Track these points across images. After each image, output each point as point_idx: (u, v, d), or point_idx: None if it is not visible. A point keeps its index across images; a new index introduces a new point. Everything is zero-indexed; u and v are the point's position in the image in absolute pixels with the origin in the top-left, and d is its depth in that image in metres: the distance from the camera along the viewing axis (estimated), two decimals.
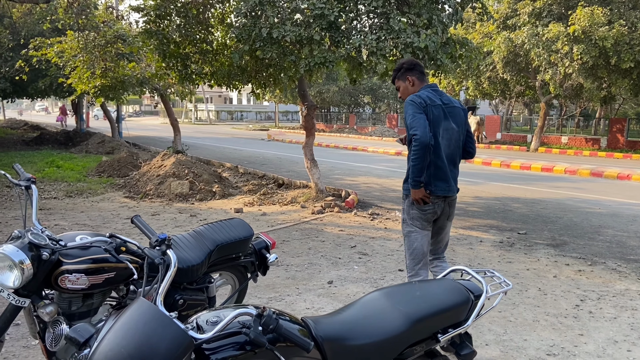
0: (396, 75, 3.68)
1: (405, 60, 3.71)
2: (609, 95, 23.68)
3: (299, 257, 5.69)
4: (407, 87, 3.64)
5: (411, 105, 3.38)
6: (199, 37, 8.82)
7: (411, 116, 3.33)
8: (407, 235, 3.59)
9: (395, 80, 3.72)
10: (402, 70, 3.63)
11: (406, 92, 3.62)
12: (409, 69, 3.63)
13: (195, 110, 53.05)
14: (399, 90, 3.71)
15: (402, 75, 3.64)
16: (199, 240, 3.12)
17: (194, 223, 7.50)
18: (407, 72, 3.62)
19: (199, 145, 21.70)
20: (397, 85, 3.72)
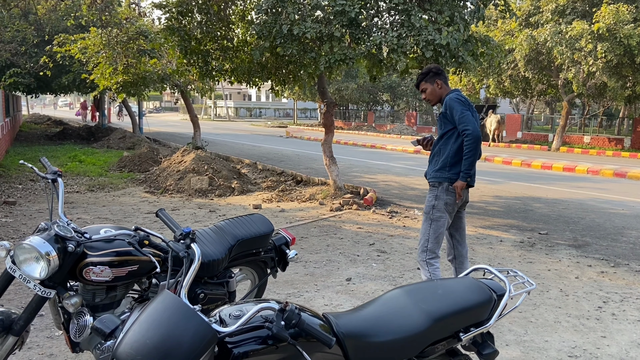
0: (424, 79, 3.86)
1: (433, 66, 3.92)
2: (634, 94, 23.16)
3: (318, 253, 5.70)
4: (435, 89, 3.86)
5: (458, 103, 3.66)
6: (220, 34, 8.88)
7: (460, 112, 3.61)
8: (437, 220, 3.77)
9: (422, 83, 3.89)
10: (430, 74, 3.84)
11: (434, 95, 3.87)
12: (437, 73, 3.85)
13: (214, 107, 53.44)
14: (425, 92, 3.89)
15: (430, 79, 3.84)
16: (220, 235, 3.15)
17: (213, 218, 7.56)
18: (436, 76, 3.84)
19: (218, 142, 21.84)
20: (423, 88, 3.90)
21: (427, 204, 3.85)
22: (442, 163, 3.76)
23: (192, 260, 1.76)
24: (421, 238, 3.86)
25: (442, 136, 3.79)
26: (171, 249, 1.88)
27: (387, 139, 27.02)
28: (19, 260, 2.30)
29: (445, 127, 3.76)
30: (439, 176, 3.77)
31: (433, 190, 3.81)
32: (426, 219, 3.83)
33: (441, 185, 3.76)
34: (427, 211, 3.83)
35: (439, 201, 3.75)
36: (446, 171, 3.75)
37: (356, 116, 41.89)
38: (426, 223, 3.83)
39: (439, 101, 3.89)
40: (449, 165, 3.75)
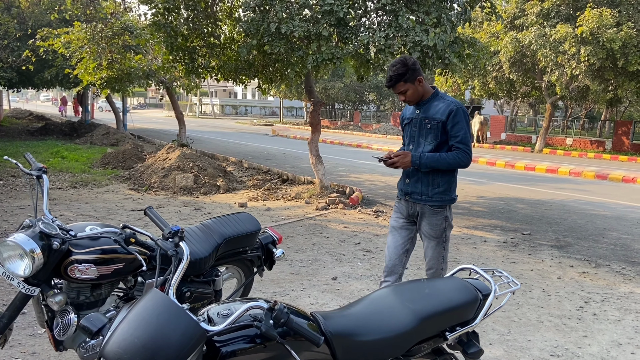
0: (402, 78, 3.14)
1: (409, 61, 3.18)
2: (615, 97, 23.59)
3: (304, 252, 5.70)
4: (417, 89, 3.20)
5: (465, 117, 3.17)
6: (207, 30, 8.81)
7: (465, 131, 3.14)
8: (449, 239, 3.38)
9: (401, 84, 3.17)
10: (409, 72, 3.13)
11: (416, 96, 3.21)
12: (416, 69, 3.17)
13: (200, 104, 53.09)
14: (406, 94, 3.20)
15: (411, 78, 3.14)
16: (207, 233, 3.13)
17: (198, 217, 7.52)
18: (416, 72, 3.16)
19: (203, 139, 21.71)
20: (403, 89, 3.18)
21: (435, 228, 3.27)
22: (445, 184, 3.24)
23: (180, 258, 1.75)
24: (433, 263, 3.35)
25: (435, 149, 3.20)
26: (159, 247, 1.86)
27: (373, 138, 27.11)
28: (3, 258, 2.27)
29: (440, 137, 3.18)
30: (444, 199, 3.26)
31: (440, 213, 3.26)
32: (438, 243, 3.30)
33: (448, 206, 3.32)
34: (437, 235, 3.28)
35: (448, 222, 3.31)
36: (450, 193, 3.30)
37: (342, 115, 41.96)
38: (439, 247, 3.31)
39: (420, 101, 3.26)
40: (454, 184, 3.32)
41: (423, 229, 3.33)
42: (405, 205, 3.38)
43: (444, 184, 3.24)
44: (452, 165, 3.16)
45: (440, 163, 3.14)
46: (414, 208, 3.33)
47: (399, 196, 3.46)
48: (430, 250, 3.34)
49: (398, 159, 3.20)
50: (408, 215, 3.38)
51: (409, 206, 3.35)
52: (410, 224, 3.40)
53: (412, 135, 3.31)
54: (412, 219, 3.38)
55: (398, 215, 3.45)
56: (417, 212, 3.32)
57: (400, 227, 3.41)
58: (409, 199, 3.32)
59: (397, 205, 3.49)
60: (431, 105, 3.23)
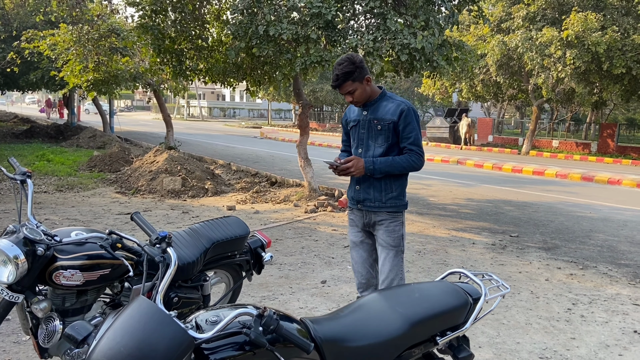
0: (350, 77, 2.94)
1: (353, 58, 2.97)
2: (600, 100, 23.89)
3: (292, 255, 5.68)
4: (365, 89, 3.01)
5: (416, 117, 3.01)
6: (195, 33, 8.77)
7: (417, 132, 2.99)
8: (404, 249, 3.15)
9: (348, 83, 2.96)
10: (357, 71, 2.94)
11: (365, 96, 3.02)
12: (362, 67, 2.97)
13: (187, 107, 52.83)
14: (354, 94, 3.00)
15: (359, 76, 2.95)
16: (195, 237, 3.10)
17: (186, 220, 7.46)
18: (363, 71, 2.97)
19: (191, 142, 21.59)
20: (350, 90, 2.98)
21: (393, 235, 3.04)
22: (399, 188, 3.06)
23: (168, 265, 1.72)
24: (393, 276, 3.04)
25: (386, 152, 3.02)
26: (146, 253, 1.83)
27: None
28: None
29: (391, 139, 2.99)
30: (399, 205, 3.06)
31: (397, 218, 3.06)
32: (397, 253, 3.05)
33: (402, 211, 3.12)
34: (396, 243, 3.04)
35: (404, 228, 3.12)
36: (403, 197, 3.10)
37: (330, 118, 42.01)
38: (398, 257, 3.05)
39: (366, 101, 3.07)
40: (405, 189, 3.13)
41: (380, 239, 3.09)
42: (359, 215, 3.15)
43: (397, 187, 3.05)
44: (406, 169, 3.00)
45: (394, 167, 2.97)
46: (369, 217, 3.10)
47: (351, 205, 3.21)
48: (388, 262, 3.05)
49: (352, 165, 2.95)
50: (363, 226, 3.15)
51: (363, 215, 3.12)
52: (369, 236, 3.18)
53: (360, 137, 3.10)
54: (367, 229, 3.16)
55: (355, 229, 3.22)
56: (372, 221, 3.10)
57: (360, 242, 3.20)
58: (362, 207, 3.10)
59: (350, 216, 3.24)
60: (379, 105, 3.04)
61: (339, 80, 2.96)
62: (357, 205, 3.14)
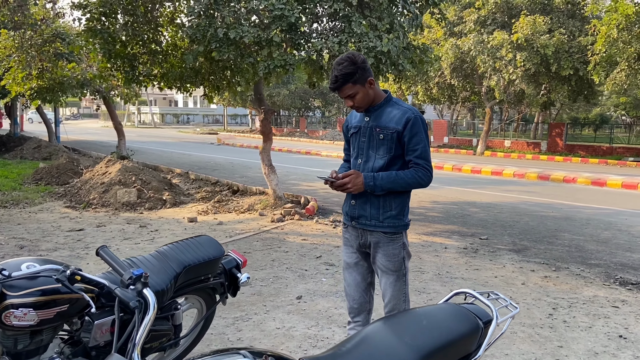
0: (350, 79, 2.58)
1: (355, 58, 2.61)
2: (549, 101, 24.72)
3: (263, 270, 5.39)
4: (368, 92, 2.65)
5: (424, 126, 2.66)
6: (148, 36, 8.34)
7: (424, 144, 2.65)
8: (408, 271, 2.81)
9: (348, 85, 2.60)
10: (358, 72, 2.58)
11: (367, 100, 2.67)
12: (365, 68, 2.62)
13: (138, 114, 51.30)
14: (354, 98, 2.64)
15: (361, 78, 2.59)
16: (163, 262, 2.78)
17: (144, 235, 7.04)
18: (366, 73, 2.62)
19: (144, 150, 20.84)
20: (351, 93, 2.62)
21: (392, 259, 2.72)
22: (399, 206, 2.71)
23: (146, 309, 1.44)
24: (395, 303, 2.77)
25: (388, 164, 2.68)
26: (118, 297, 1.54)
27: (320, 145, 27.04)
28: None
29: (394, 150, 2.65)
30: (398, 225, 2.71)
31: (396, 240, 2.72)
32: (399, 278, 2.74)
33: (404, 232, 2.79)
34: (396, 268, 2.73)
35: (406, 250, 2.78)
36: (404, 217, 2.75)
37: (288, 122, 41.74)
38: (400, 282, 2.75)
39: (370, 106, 2.73)
40: (408, 207, 2.78)
41: (379, 263, 2.75)
42: (354, 234, 2.81)
43: (398, 205, 2.70)
44: (411, 185, 2.65)
45: (397, 184, 2.63)
46: (364, 236, 2.76)
47: (345, 222, 2.87)
48: (389, 288, 2.74)
49: (349, 180, 2.62)
50: (359, 247, 2.81)
51: (359, 234, 2.78)
52: (365, 257, 2.84)
53: (360, 146, 2.76)
54: (364, 250, 2.82)
55: (349, 249, 2.87)
56: (368, 242, 2.76)
57: (355, 264, 2.86)
58: (357, 225, 2.76)
59: (344, 234, 2.90)
60: (384, 111, 2.69)
61: (338, 83, 2.60)
62: (351, 222, 2.80)
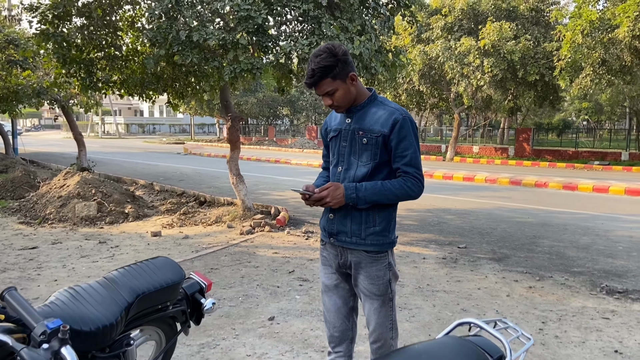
0: (330, 73, 2.20)
1: (335, 49, 2.22)
2: (515, 106, 25.04)
3: (232, 288, 5.00)
4: (349, 90, 2.28)
5: (414, 130, 2.31)
6: (106, 41, 7.86)
7: (414, 149, 2.29)
8: (395, 295, 2.44)
9: (326, 81, 2.22)
10: (339, 65, 2.20)
11: (348, 99, 2.30)
12: (347, 61, 2.25)
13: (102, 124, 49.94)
14: (334, 96, 2.26)
15: (341, 73, 2.22)
16: (113, 290, 2.38)
17: (103, 251, 6.55)
18: (347, 66, 2.25)
19: (107, 161, 20.07)
20: (330, 90, 2.24)
21: (376, 282, 2.35)
22: (384, 221, 2.35)
23: None
24: (380, 332, 2.40)
25: (372, 172, 2.33)
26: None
27: (290, 153, 26.69)
28: None
29: (379, 156, 2.30)
30: (382, 242, 2.35)
31: (381, 260, 2.36)
32: (384, 303, 2.37)
33: (390, 250, 2.42)
34: (382, 291, 2.36)
35: (393, 270, 2.42)
36: (390, 233, 2.38)
37: (256, 131, 41.27)
38: (385, 307, 2.38)
39: (351, 105, 2.35)
40: (394, 222, 2.42)
41: (361, 286, 2.38)
42: (333, 253, 2.44)
43: (382, 220, 2.34)
44: (399, 197, 2.30)
45: (383, 195, 2.28)
46: (344, 256, 2.40)
47: (323, 238, 2.51)
48: (374, 315, 2.38)
49: (327, 194, 2.27)
50: (339, 267, 2.45)
51: (338, 253, 2.42)
52: (346, 279, 2.48)
53: (340, 152, 2.39)
54: (344, 271, 2.45)
55: (327, 269, 2.50)
56: (349, 262, 2.39)
57: (335, 286, 2.49)
58: (336, 242, 2.40)
59: (322, 253, 2.53)
60: (367, 112, 2.32)
61: (315, 77, 2.21)
62: (329, 238, 2.43)
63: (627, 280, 5.23)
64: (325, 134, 2.54)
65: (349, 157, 2.37)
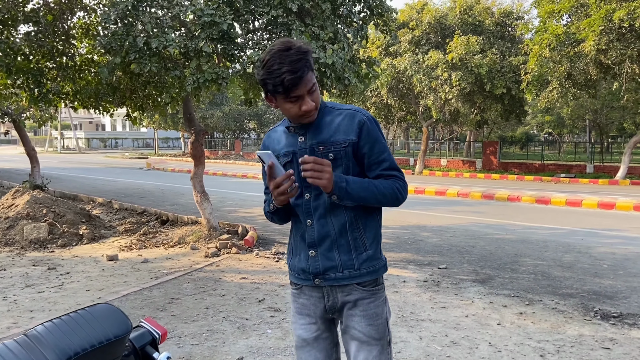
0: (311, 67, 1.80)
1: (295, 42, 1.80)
2: (482, 120, 25.25)
3: (195, 321, 4.45)
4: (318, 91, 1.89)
5: (380, 129, 1.97)
6: (57, 49, 7.25)
7: (389, 151, 1.97)
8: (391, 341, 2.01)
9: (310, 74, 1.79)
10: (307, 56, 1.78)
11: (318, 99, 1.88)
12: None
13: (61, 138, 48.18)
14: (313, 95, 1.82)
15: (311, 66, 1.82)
16: (35, 352, 1.84)
17: (51, 279, 5.91)
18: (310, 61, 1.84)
19: (64, 178, 19.08)
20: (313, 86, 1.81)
21: (375, 321, 1.93)
22: (375, 242, 1.96)
23: None
24: None
25: None
26: None
27: (257, 167, 26.09)
28: None
29: (352, 169, 1.91)
30: (378, 267, 1.94)
31: (378, 293, 1.96)
32: (383, 349, 1.93)
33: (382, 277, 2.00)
34: (381, 334, 1.93)
35: (388, 306, 2.01)
36: (381, 254, 1.99)
37: (222, 145, 40.52)
38: (384, 355, 1.94)
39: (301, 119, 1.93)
40: (381, 241, 2.02)
41: (355, 331, 1.93)
42: (316, 296, 1.97)
43: (373, 241, 1.94)
44: (387, 199, 1.89)
45: (371, 193, 1.86)
46: (334, 297, 1.95)
47: (298, 282, 2.00)
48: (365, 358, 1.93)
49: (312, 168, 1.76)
50: (324, 312, 1.98)
51: (324, 295, 1.96)
52: (328, 327, 2.03)
53: (303, 177, 1.83)
54: (329, 316, 2.01)
55: (306, 319, 2.01)
56: (338, 304, 1.95)
57: (315, 339, 2.00)
58: (323, 283, 1.94)
59: (298, 300, 2.03)
60: (321, 123, 1.91)
61: (300, 70, 1.73)
62: (313, 280, 1.95)
63: (619, 303, 4.94)
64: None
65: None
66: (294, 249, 2.01)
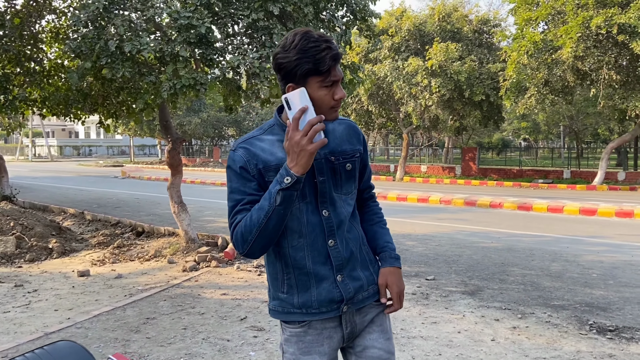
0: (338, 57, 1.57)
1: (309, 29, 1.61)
2: (461, 126, 25.36)
3: (171, 344, 4.16)
4: None
5: None
6: (24, 54, 6.88)
7: None
8: None
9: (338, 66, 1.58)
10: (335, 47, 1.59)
11: None
12: None
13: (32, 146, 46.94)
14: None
15: None
16: None
17: (18, 298, 5.55)
18: None
19: (35, 187, 18.46)
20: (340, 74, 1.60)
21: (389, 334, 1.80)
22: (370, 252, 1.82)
23: None
24: None
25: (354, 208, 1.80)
26: None
27: None
28: None
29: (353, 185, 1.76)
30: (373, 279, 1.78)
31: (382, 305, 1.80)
32: None
33: None
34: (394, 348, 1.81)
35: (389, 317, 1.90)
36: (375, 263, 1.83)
37: (201, 152, 39.99)
38: None
39: None
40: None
41: (376, 347, 1.74)
42: (332, 328, 1.71)
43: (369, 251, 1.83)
44: None
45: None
46: (352, 322, 1.73)
47: (312, 317, 1.68)
48: None
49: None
50: (341, 343, 1.76)
51: (344, 323, 1.72)
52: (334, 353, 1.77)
53: (322, 191, 1.64)
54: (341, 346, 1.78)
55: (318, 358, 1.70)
56: (357, 328, 1.75)
57: None
58: (351, 307, 1.71)
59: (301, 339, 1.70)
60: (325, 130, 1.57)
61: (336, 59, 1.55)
62: (342, 308, 1.69)
63: (613, 315, 4.80)
64: (260, 173, 1.61)
65: (331, 194, 1.67)
66: (299, 282, 1.67)
